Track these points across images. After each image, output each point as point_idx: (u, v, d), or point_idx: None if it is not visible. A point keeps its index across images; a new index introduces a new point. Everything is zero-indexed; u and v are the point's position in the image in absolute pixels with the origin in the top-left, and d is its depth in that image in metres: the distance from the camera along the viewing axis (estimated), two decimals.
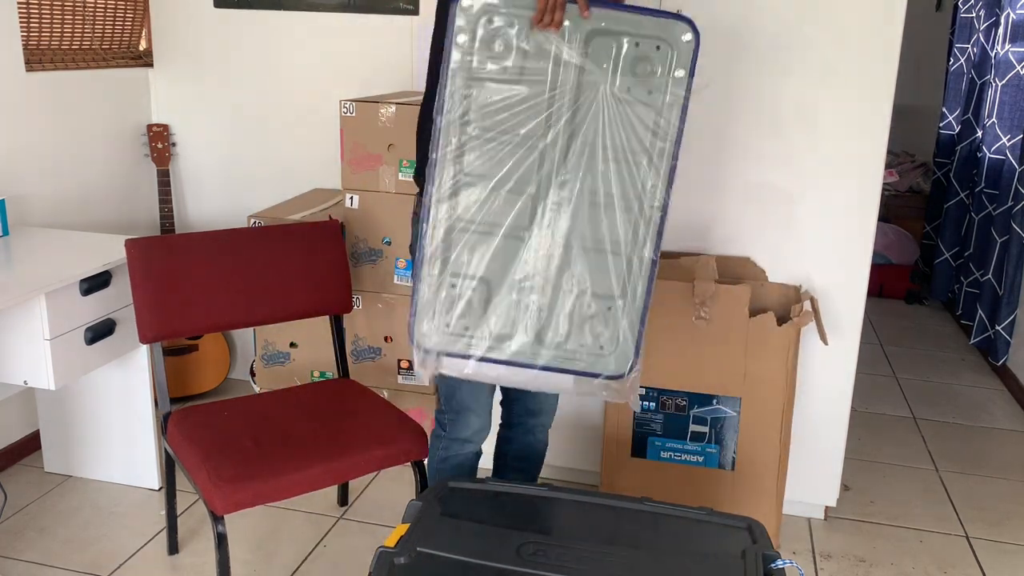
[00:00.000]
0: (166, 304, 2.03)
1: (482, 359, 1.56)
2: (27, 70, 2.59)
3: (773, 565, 1.45)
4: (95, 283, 2.20)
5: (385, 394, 2.54)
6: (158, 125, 3.06)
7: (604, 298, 1.54)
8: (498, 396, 2.02)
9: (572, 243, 1.53)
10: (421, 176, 1.77)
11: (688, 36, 1.49)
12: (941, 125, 4.64)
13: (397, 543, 1.43)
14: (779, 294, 2.27)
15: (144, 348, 2.42)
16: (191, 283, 2.06)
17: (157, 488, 2.53)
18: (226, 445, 1.87)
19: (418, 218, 1.65)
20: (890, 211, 4.93)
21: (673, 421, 2.29)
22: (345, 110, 2.53)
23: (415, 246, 1.65)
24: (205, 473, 1.78)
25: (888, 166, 5.05)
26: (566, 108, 1.49)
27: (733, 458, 2.28)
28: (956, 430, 3.16)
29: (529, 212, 1.52)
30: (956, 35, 4.49)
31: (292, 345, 2.67)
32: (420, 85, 2.88)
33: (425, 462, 2.00)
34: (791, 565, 1.51)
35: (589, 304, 1.54)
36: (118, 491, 2.53)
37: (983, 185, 3.94)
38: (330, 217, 2.54)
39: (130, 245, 1.99)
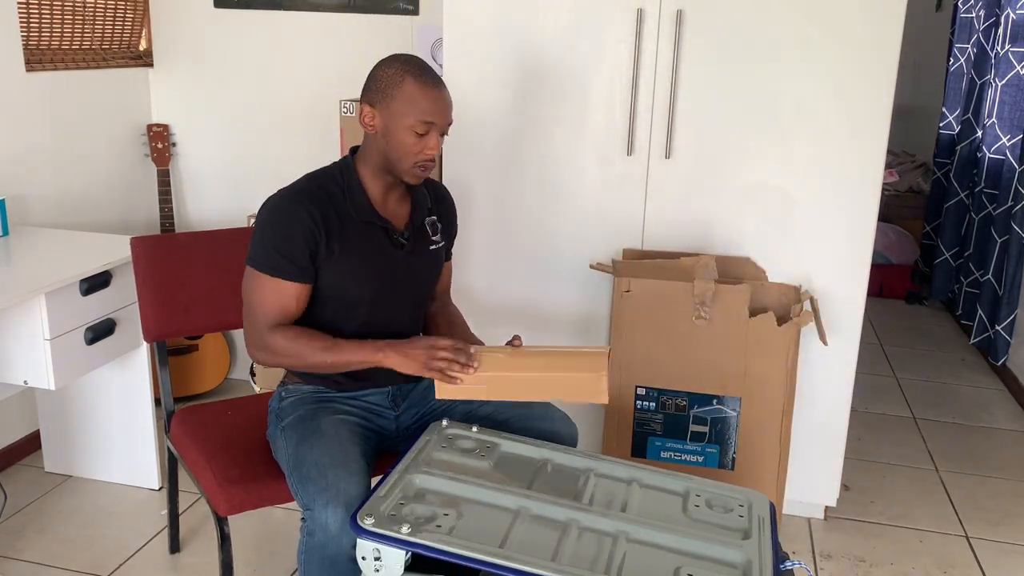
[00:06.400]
0: (170, 303, 2.03)
1: None
2: (27, 70, 2.59)
3: (783, 566, 1.46)
4: (95, 283, 2.20)
5: None
6: (158, 125, 3.06)
7: None
8: None
9: None
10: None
11: None
12: (941, 125, 4.64)
13: None
14: (779, 294, 2.27)
15: (144, 348, 2.42)
16: (194, 282, 2.06)
17: (157, 488, 2.53)
18: (230, 445, 1.87)
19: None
20: (890, 211, 4.93)
21: (673, 421, 2.29)
22: (345, 110, 2.53)
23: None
24: (210, 474, 1.78)
25: (888, 166, 5.05)
26: None
27: (733, 458, 2.28)
28: (956, 430, 3.16)
29: None
30: (956, 35, 4.49)
31: None
32: None
33: None
34: (800, 566, 1.51)
35: None
36: (118, 491, 2.53)
37: (983, 185, 3.94)
38: None
39: (135, 243, 1.99)
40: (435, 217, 1.85)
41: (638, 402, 2.30)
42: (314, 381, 1.80)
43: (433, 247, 1.83)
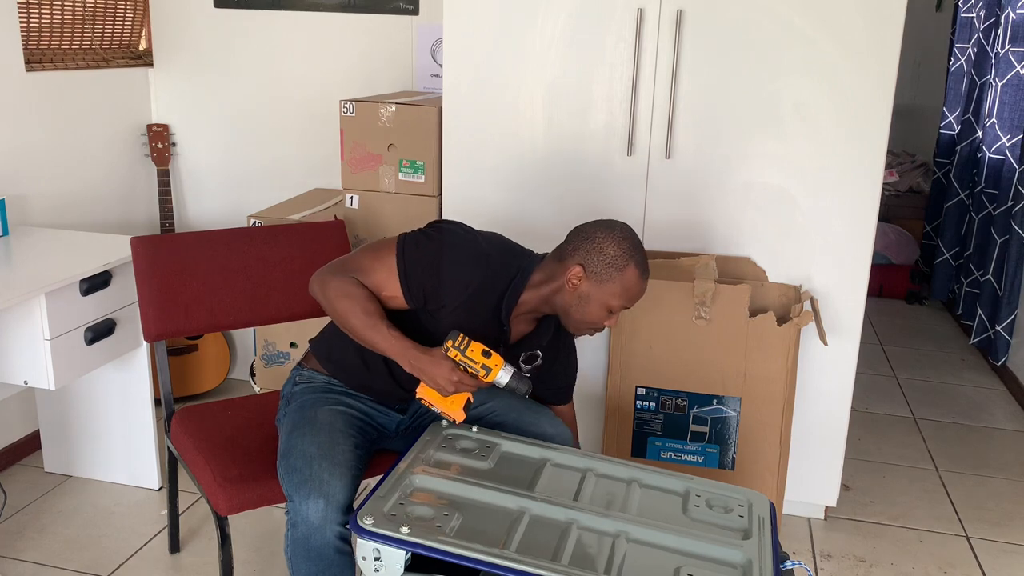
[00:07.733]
0: (170, 302, 2.03)
1: None
2: (27, 70, 2.59)
3: (783, 566, 1.46)
4: (95, 283, 2.20)
5: None
6: (158, 125, 3.06)
7: None
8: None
9: None
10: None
11: None
12: (941, 125, 4.63)
13: None
14: (779, 294, 2.27)
15: (144, 348, 2.42)
16: (194, 282, 2.06)
17: (157, 488, 2.53)
18: (230, 445, 1.87)
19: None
20: (890, 211, 4.93)
21: (673, 421, 2.29)
22: (345, 110, 2.53)
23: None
24: (210, 473, 1.78)
25: (888, 166, 5.05)
26: None
27: (733, 458, 2.28)
28: (956, 430, 3.16)
29: None
30: (956, 35, 4.49)
31: (292, 345, 2.67)
32: (420, 85, 2.89)
33: None
34: (800, 566, 1.51)
35: None
36: (118, 491, 2.53)
37: (983, 185, 3.94)
38: (335, 217, 2.54)
39: (135, 243, 2.00)
40: (540, 353, 1.80)
41: (638, 402, 2.30)
42: (331, 372, 1.81)
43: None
